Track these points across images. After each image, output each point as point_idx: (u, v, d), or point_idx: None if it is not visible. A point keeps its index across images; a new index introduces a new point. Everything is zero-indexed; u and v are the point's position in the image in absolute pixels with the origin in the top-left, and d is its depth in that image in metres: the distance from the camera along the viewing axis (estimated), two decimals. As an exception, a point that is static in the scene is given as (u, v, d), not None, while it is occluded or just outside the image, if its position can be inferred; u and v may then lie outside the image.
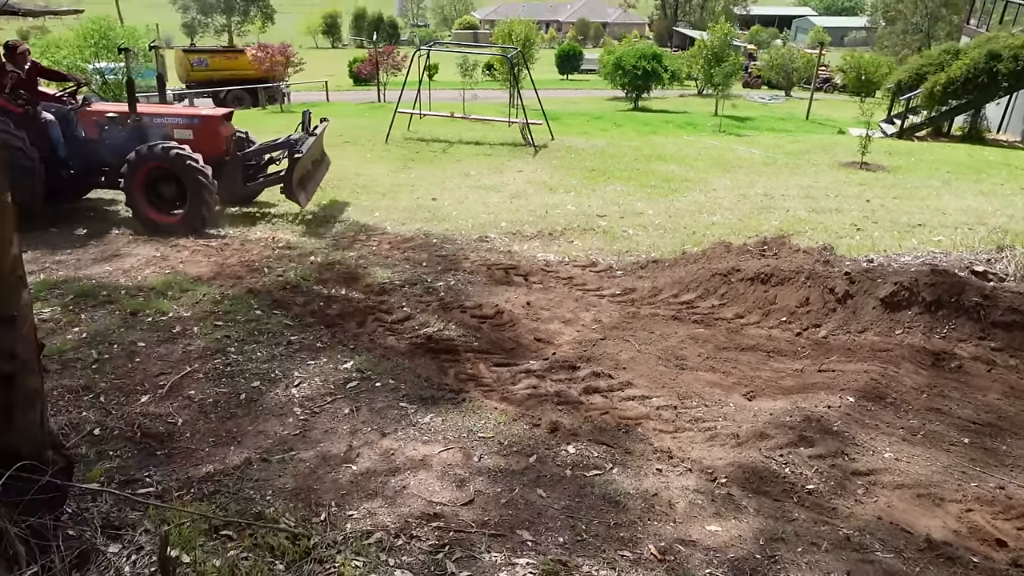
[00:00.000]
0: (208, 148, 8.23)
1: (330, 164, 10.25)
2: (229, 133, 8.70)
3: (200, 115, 8.68)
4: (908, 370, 4.90)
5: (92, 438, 3.96)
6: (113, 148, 8.15)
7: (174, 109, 9.00)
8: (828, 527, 3.35)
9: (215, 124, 8.48)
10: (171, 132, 8.26)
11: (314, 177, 9.31)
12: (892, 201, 10.73)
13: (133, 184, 7.93)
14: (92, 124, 8.41)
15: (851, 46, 56.80)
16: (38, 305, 5.77)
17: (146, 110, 8.55)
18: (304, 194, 8.79)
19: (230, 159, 8.66)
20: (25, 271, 2.75)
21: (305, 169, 8.77)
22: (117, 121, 8.27)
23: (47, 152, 8.07)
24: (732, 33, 28.52)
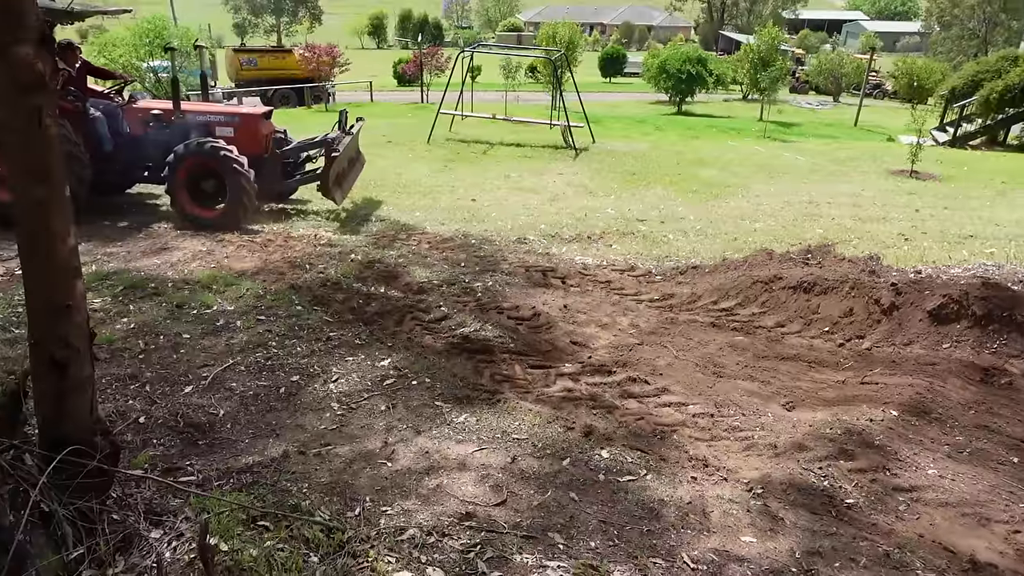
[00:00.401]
0: (248, 145, 8.42)
1: (365, 163, 10.38)
2: (268, 131, 8.88)
3: (241, 113, 8.90)
4: (955, 385, 4.76)
5: (137, 426, 4.08)
6: (157, 144, 8.37)
7: (216, 107, 9.24)
8: (867, 543, 3.27)
9: (255, 122, 8.67)
10: (213, 129, 8.46)
11: (349, 175, 9.46)
12: (942, 211, 10.44)
13: (175, 179, 8.14)
14: (137, 121, 8.65)
15: (903, 52, 55.46)
16: (90, 295, 5.96)
17: (189, 108, 8.79)
18: (340, 192, 8.93)
19: (269, 156, 8.82)
20: (80, 262, 2.84)
21: (341, 167, 8.91)
22: (161, 118, 8.49)
23: (94, 147, 8.33)
24: (780, 37, 28.06)
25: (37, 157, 2.55)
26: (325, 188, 8.61)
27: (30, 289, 2.71)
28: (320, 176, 8.68)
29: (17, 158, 2.55)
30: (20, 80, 2.43)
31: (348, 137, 9.09)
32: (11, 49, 2.38)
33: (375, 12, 76.80)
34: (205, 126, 8.48)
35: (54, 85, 7.93)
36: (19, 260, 2.77)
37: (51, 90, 2.55)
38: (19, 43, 2.39)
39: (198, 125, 8.47)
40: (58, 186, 2.61)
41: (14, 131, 2.51)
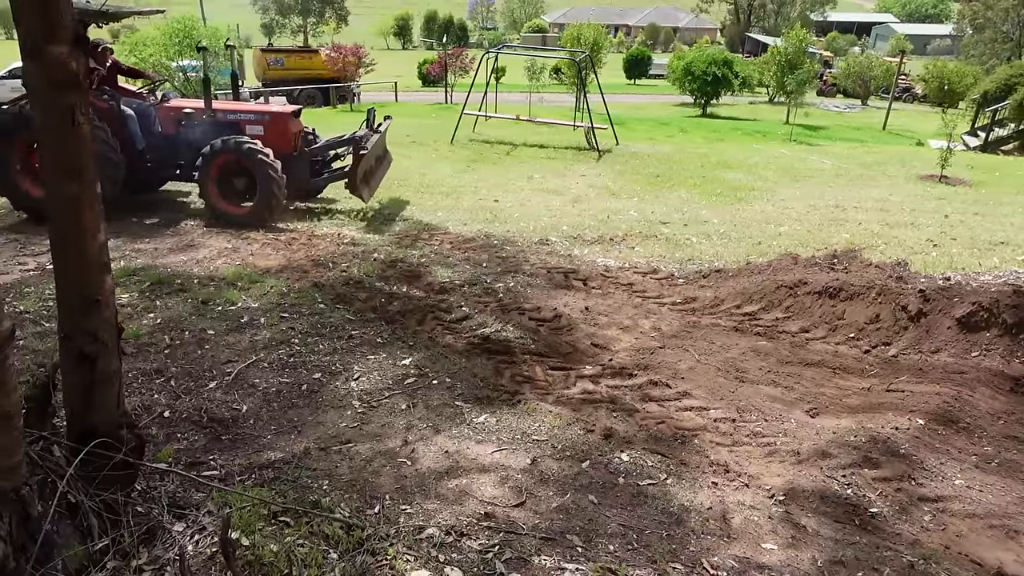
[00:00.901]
0: (277, 143, 8.50)
1: (392, 161, 10.42)
2: (297, 130, 8.95)
3: (270, 112, 8.96)
4: (984, 394, 4.67)
5: (162, 420, 4.14)
6: (188, 142, 8.48)
7: (246, 106, 9.36)
8: (891, 553, 3.22)
9: (284, 120, 8.73)
10: (243, 128, 8.56)
11: (377, 173, 9.51)
12: (973, 217, 10.25)
13: (206, 177, 8.25)
14: (169, 119, 8.76)
15: (934, 55, 54.57)
16: (118, 291, 6.05)
17: (220, 106, 8.88)
18: (367, 189, 8.98)
19: (297, 154, 8.88)
20: (110, 258, 2.89)
21: (369, 165, 8.95)
22: (193, 116, 8.60)
23: (127, 145, 8.45)
24: (807, 39, 27.76)
25: (70, 155, 2.60)
26: (353, 186, 8.66)
27: (61, 284, 2.76)
28: (348, 174, 8.73)
29: (51, 155, 2.60)
30: (55, 79, 2.48)
31: (376, 135, 9.13)
32: (46, 49, 2.43)
33: (401, 13, 77.23)
34: (236, 124, 8.59)
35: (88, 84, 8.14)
36: (51, 255, 2.83)
37: (84, 89, 2.59)
38: (54, 43, 2.43)
39: (229, 123, 8.58)
40: (90, 183, 2.66)
41: (48, 129, 2.56)
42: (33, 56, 2.44)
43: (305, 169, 9.07)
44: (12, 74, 20.85)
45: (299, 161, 8.94)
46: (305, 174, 9.09)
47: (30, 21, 2.41)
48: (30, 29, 2.42)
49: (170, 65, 20.28)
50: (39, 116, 2.54)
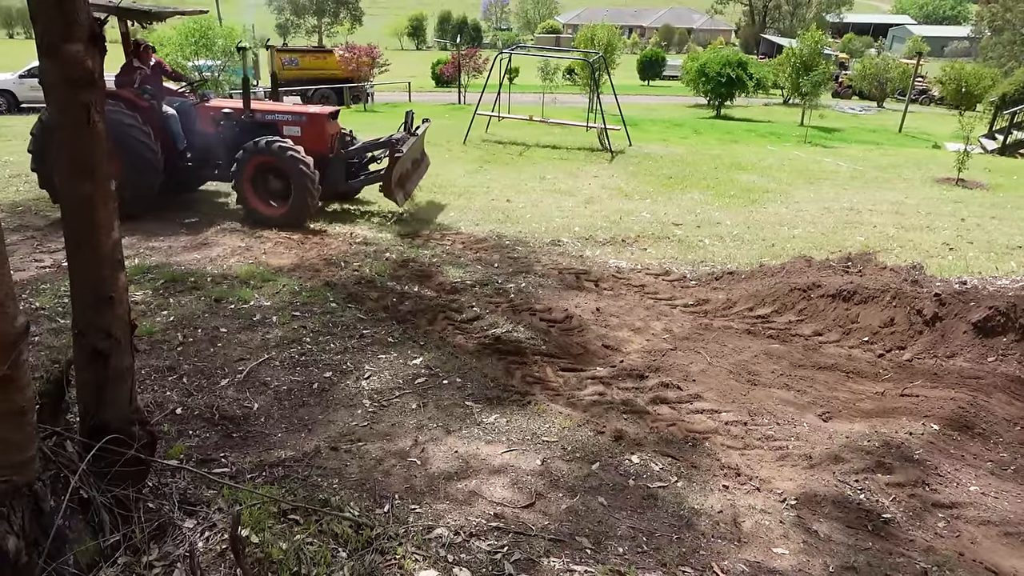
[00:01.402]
0: (314, 145, 8.51)
1: (429, 164, 10.33)
2: (334, 131, 8.92)
3: (308, 113, 8.89)
4: (1000, 400, 4.61)
5: (174, 417, 4.16)
6: (226, 142, 8.49)
7: (284, 107, 9.25)
8: (904, 559, 3.19)
9: (321, 122, 8.69)
10: (281, 128, 8.56)
11: (413, 177, 9.42)
12: (990, 221, 10.14)
13: (243, 177, 8.27)
14: (209, 119, 8.77)
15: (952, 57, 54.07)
16: (132, 288, 6.10)
17: (258, 107, 8.85)
18: (402, 193, 8.89)
19: (334, 156, 8.86)
20: (123, 255, 2.91)
21: (404, 168, 8.87)
22: (231, 116, 8.60)
23: (167, 144, 8.49)
24: (823, 41, 27.57)
25: (85, 152, 2.61)
26: (387, 189, 8.58)
27: (75, 280, 2.78)
28: (383, 177, 8.65)
29: (66, 153, 2.62)
30: (70, 77, 2.49)
31: (413, 138, 9.04)
32: (62, 47, 2.45)
33: (415, 13, 77.46)
34: (273, 125, 8.60)
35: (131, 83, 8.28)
36: (65, 252, 2.85)
37: (100, 87, 2.61)
38: (70, 41, 2.45)
39: (267, 124, 8.60)
40: (104, 181, 2.67)
41: (64, 127, 2.58)
42: (49, 54, 2.46)
43: (341, 171, 9.05)
44: (31, 73, 21.08)
45: (335, 162, 8.92)
46: (341, 176, 9.07)
47: (47, 19, 2.43)
48: (47, 27, 2.43)
49: (186, 65, 20.42)
50: (55, 114, 2.56)
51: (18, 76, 21.52)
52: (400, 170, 8.68)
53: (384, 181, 8.58)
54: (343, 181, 9.16)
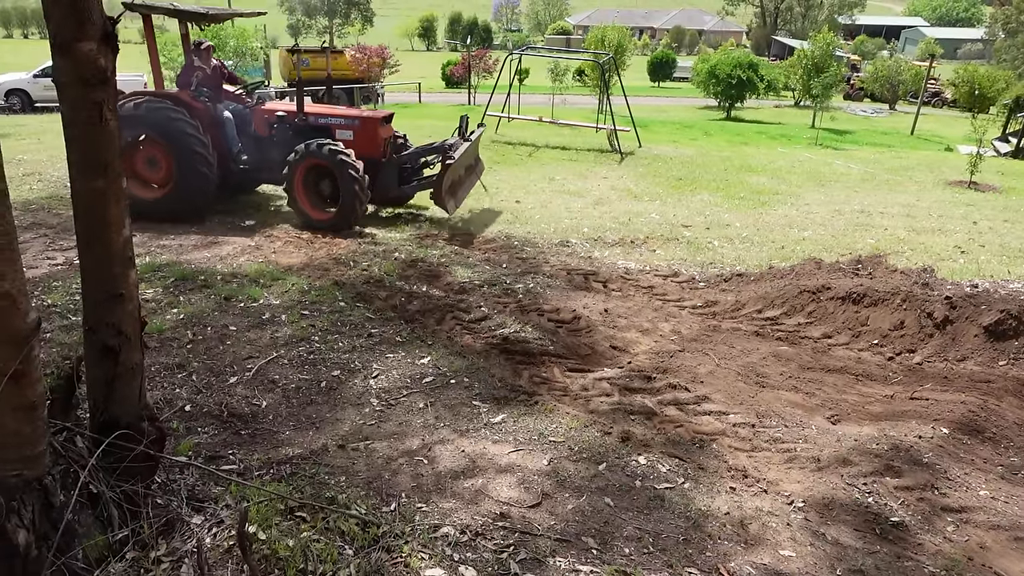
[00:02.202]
0: (366, 149, 8.46)
1: (483, 170, 10.16)
2: (387, 135, 8.82)
3: (361, 116, 8.80)
4: (1011, 404, 4.58)
5: (183, 414, 4.19)
6: (280, 145, 8.48)
7: (337, 110, 9.20)
8: (912, 563, 3.17)
9: (374, 126, 8.60)
10: (334, 132, 8.54)
11: (465, 184, 9.24)
12: (1002, 224, 10.06)
13: (294, 180, 8.25)
14: (263, 122, 8.76)
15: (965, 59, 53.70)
16: (143, 286, 6.14)
17: (311, 110, 8.82)
18: (453, 201, 8.71)
19: (386, 160, 8.75)
20: (134, 253, 2.93)
21: (457, 175, 8.73)
22: (285, 119, 8.59)
23: (221, 147, 8.50)
24: (834, 43, 27.41)
25: (97, 150, 2.64)
26: (438, 196, 8.41)
27: (86, 277, 2.81)
28: (433, 183, 8.47)
29: (78, 150, 2.64)
30: (83, 75, 2.52)
31: (466, 144, 8.89)
32: (75, 45, 2.47)
33: (425, 14, 77.60)
34: (327, 128, 8.58)
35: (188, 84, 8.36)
36: (77, 249, 2.87)
37: (113, 85, 2.63)
38: (83, 40, 2.47)
39: (320, 127, 8.58)
40: (116, 179, 2.70)
41: (76, 124, 2.60)
42: (63, 52, 2.49)
43: (393, 175, 8.93)
44: (45, 72, 21.27)
45: (387, 167, 8.82)
46: (393, 180, 8.94)
47: (60, 18, 2.45)
48: (60, 26, 2.46)
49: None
50: (67, 111, 2.58)
51: (32, 76, 21.72)
52: (452, 177, 8.50)
53: (435, 187, 8.40)
54: (395, 186, 9.01)
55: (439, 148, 9.03)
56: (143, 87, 23.93)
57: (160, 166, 8.42)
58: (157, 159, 8.40)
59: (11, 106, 21.85)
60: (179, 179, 8.26)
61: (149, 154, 8.42)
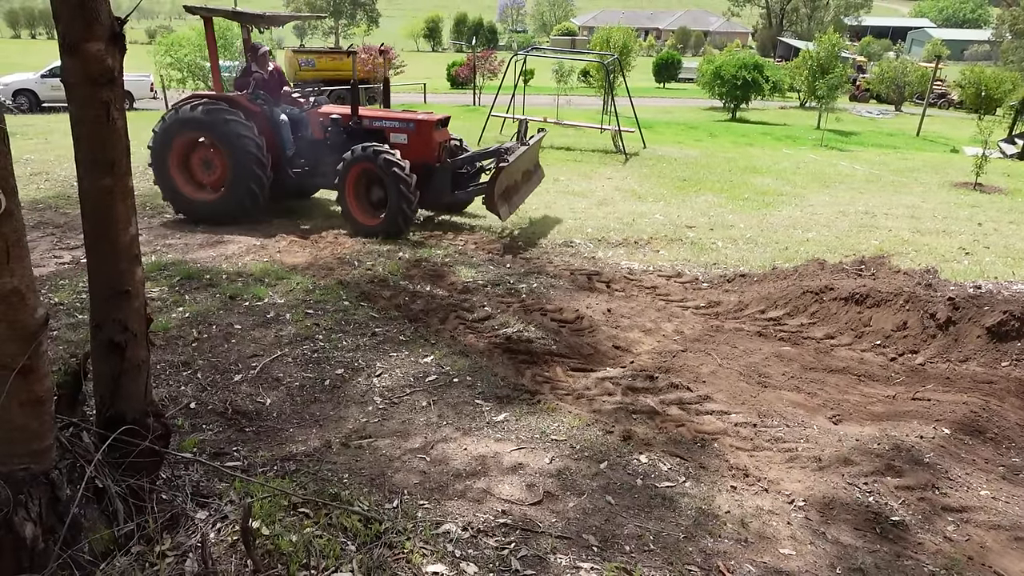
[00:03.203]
0: (420, 153, 8.33)
1: (543, 177, 9.87)
2: (442, 139, 8.62)
3: (415, 120, 8.57)
4: (1013, 405, 4.58)
5: (188, 411, 4.22)
6: (334, 149, 8.41)
7: (392, 113, 8.96)
8: (912, 562, 3.18)
9: (429, 129, 8.43)
10: (388, 136, 8.43)
11: (521, 190, 8.90)
12: (1007, 226, 10.05)
13: (345, 184, 8.16)
14: (318, 125, 8.72)
15: (972, 60, 53.52)
16: (149, 284, 6.19)
17: (366, 113, 8.71)
18: (507, 207, 8.35)
19: (440, 165, 8.58)
20: (140, 251, 2.96)
21: (512, 180, 8.46)
22: (339, 123, 8.53)
23: (276, 151, 8.49)
24: (840, 44, 27.37)
25: (105, 148, 2.67)
26: (490, 201, 8.07)
27: (93, 274, 2.84)
28: (486, 188, 8.13)
29: (85, 149, 2.67)
30: (91, 75, 2.55)
31: (523, 148, 8.55)
32: (83, 45, 2.50)
33: (431, 15, 77.73)
34: (381, 132, 8.49)
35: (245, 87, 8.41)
36: (84, 247, 2.91)
37: (120, 84, 2.66)
38: (91, 40, 2.51)
39: (374, 131, 8.49)
40: (123, 176, 2.73)
41: (84, 123, 2.63)
42: (71, 52, 2.52)
43: (447, 181, 8.69)
44: (52, 72, 21.39)
45: (441, 172, 8.62)
46: (447, 186, 8.71)
47: (68, 18, 2.48)
48: (68, 26, 2.49)
49: (204, 65, 20.63)
50: (75, 110, 2.62)
51: (40, 76, 21.86)
52: (507, 181, 8.23)
53: (487, 192, 8.06)
54: (449, 192, 8.76)
55: (495, 152, 8.76)
56: (150, 88, 24.09)
57: (215, 169, 8.42)
58: (213, 162, 8.40)
59: (19, 106, 21.98)
60: (232, 181, 8.24)
61: (205, 156, 8.42)
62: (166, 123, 8.36)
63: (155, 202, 9.21)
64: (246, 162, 8.11)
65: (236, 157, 8.11)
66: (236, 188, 8.26)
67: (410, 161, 8.09)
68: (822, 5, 75.60)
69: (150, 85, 24.11)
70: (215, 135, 8.14)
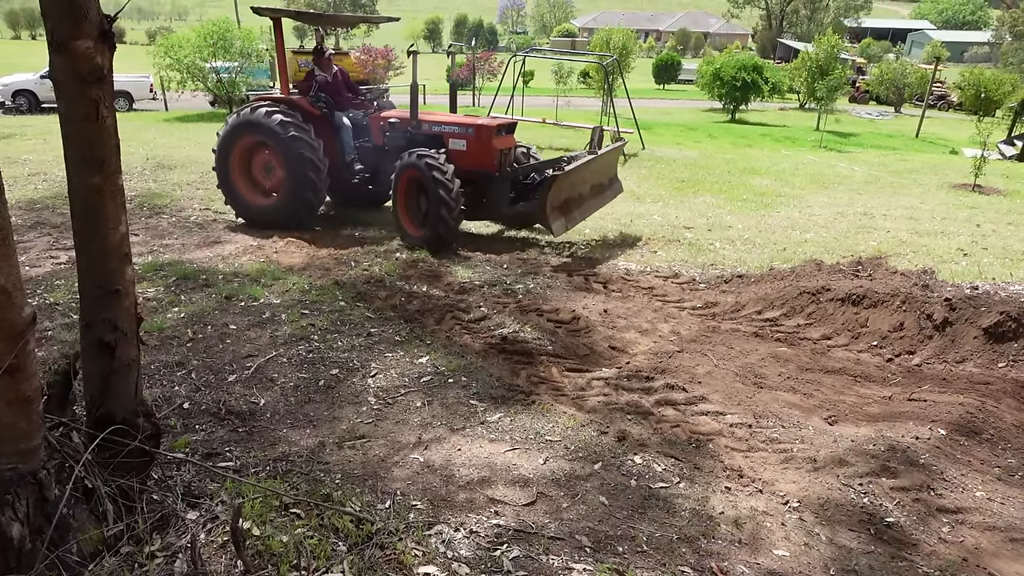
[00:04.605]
0: (478, 161, 7.82)
1: (620, 192, 9.06)
2: (504, 146, 7.97)
3: (474, 124, 7.96)
4: (1009, 406, 4.56)
5: (181, 411, 4.21)
6: (392, 155, 8.01)
7: (452, 117, 8.38)
8: (906, 563, 3.16)
9: (488, 135, 7.81)
10: (446, 141, 7.94)
11: (587, 204, 8.19)
12: (1006, 227, 10.03)
13: (396, 192, 7.81)
14: (379, 130, 8.41)
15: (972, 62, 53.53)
16: (144, 285, 6.18)
17: (426, 117, 8.18)
18: (562, 220, 7.65)
19: (500, 174, 7.96)
20: (131, 250, 2.95)
21: (575, 191, 7.86)
22: (396, 127, 8.16)
23: (335, 155, 8.24)
24: (840, 45, 27.38)
25: (94, 147, 2.66)
26: (540, 213, 7.44)
27: (82, 273, 2.83)
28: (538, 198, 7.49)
29: (75, 147, 2.66)
30: (80, 73, 2.54)
31: (587, 157, 7.87)
32: (72, 43, 2.49)
33: (431, 16, 77.79)
34: (439, 137, 7.97)
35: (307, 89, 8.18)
36: (74, 246, 2.90)
37: (109, 83, 2.65)
38: (80, 38, 2.50)
39: (432, 136, 7.99)
40: (112, 175, 2.72)
41: (73, 121, 2.62)
42: (59, 50, 2.51)
43: (506, 191, 8.05)
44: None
45: (500, 182, 7.99)
46: (505, 197, 8.06)
47: (57, 16, 2.47)
48: (57, 24, 2.48)
49: (204, 66, 20.63)
50: (64, 108, 2.60)
51: (39, 76, 21.87)
52: (565, 192, 7.59)
53: (538, 204, 7.45)
54: (507, 203, 8.08)
55: (557, 162, 8.13)
56: (149, 89, 24.09)
57: (275, 173, 8.22)
58: (272, 165, 8.20)
59: (18, 107, 22.00)
60: (288, 187, 8.01)
61: (265, 160, 8.24)
62: (229, 125, 8.19)
63: (151, 202, 9.21)
64: (301, 168, 7.83)
65: (291, 162, 7.85)
66: (291, 195, 8.02)
67: (468, 169, 7.70)
68: (822, 7, 75.69)
69: (149, 86, 24.12)
70: (272, 139, 7.91)
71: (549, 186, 7.34)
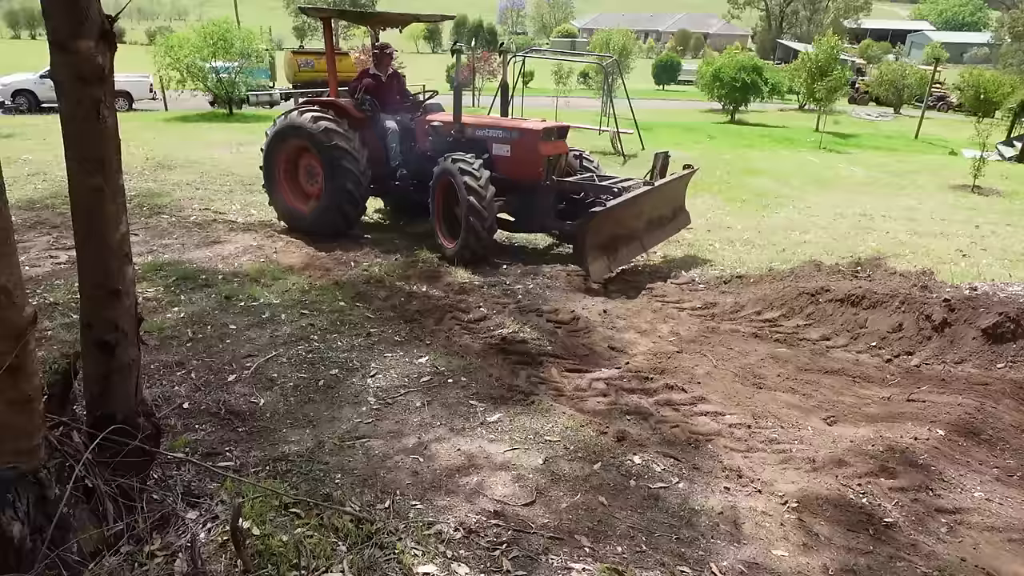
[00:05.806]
0: (523, 168, 7.25)
1: (687, 224, 8.23)
2: (551, 152, 7.30)
3: (520, 128, 7.40)
4: (1008, 406, 4.57)
5: (181, 411, 4.21)
6: (435, 160, 7.44)
7: (497, 121, 7.87)
8: (905, 563, 3.17)
9: (533, 141, 7.20)
10: (490, 146, 7.44)
11: (636, 240, 7.28)
12: (1005, 228, 10.05)
13: (433, 201, 7.41)
14: (424, 133, 7.99)
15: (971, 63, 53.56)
16: (144, 285, 6.18)
17: (470, 121, 7.74)
18: (603, 262, 6.79)
19: (547, 183, 7.31)
20: (131, 250, 2.95)
21: (623, 227, 7.00)
22: (439, 131, 7.73)
23: (381, 160, 7.90)
24: (839, 46, 27.38)
25: (94, 147, 2.66)
26: (579, 252, 6.78)
27: (83, 273, 2.83)
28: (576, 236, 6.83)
29: (75, 147, 2.66)
30: (81, 73, 2.54)
31: (643, 188, 6.97)
32: (73, 43, 2.49)
33: (431, 17, 77.65)
34: (483, 142, 7.47)
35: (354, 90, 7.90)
36: (74, 246, 2.90)
37: (110, 83, 2.65)
38: (80, 38, 2.50)
39: (476, 140, 7.50)
40: (113, 175, 2.72)
41: (73, 121, 2.62)
42: (60, 50, 2.51)
43: (551, 203, 7.39)
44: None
45: (545, 192, 7.32)
46: (550, 210, 7.40)
47: (58, 16, 2.48)
48: (58, 24, 2.48)
49: (204, 67, 20.63)
50: (65, 109, 2.61)
51: (39, 76, 21.86)
52: (611, 231, 6.78)
53: (575, 244, 6.82)
54: (552, 217, 7.42)
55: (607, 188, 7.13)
56: (149, 88, 24.10)
57: (317, 180, 7.90)
58: (315, 171, 7.89)
59: (18, 106, 22.00)
60: (326, 195, 7.68)
61: (310, 165, 7.95)
62: (276, 126, 7.91)
63: (151, 202, 9.21)
64: (341, 178, 7.50)
65: (331, 171, 7.50)
66: (329, 204, 7.67)
67: (512, 176, 7.25)
68: (822, 8, 75.75)
69: (149, 86, 24.12)
70: (315, 145, 7.56)
71: (586, 229, 6.62)
